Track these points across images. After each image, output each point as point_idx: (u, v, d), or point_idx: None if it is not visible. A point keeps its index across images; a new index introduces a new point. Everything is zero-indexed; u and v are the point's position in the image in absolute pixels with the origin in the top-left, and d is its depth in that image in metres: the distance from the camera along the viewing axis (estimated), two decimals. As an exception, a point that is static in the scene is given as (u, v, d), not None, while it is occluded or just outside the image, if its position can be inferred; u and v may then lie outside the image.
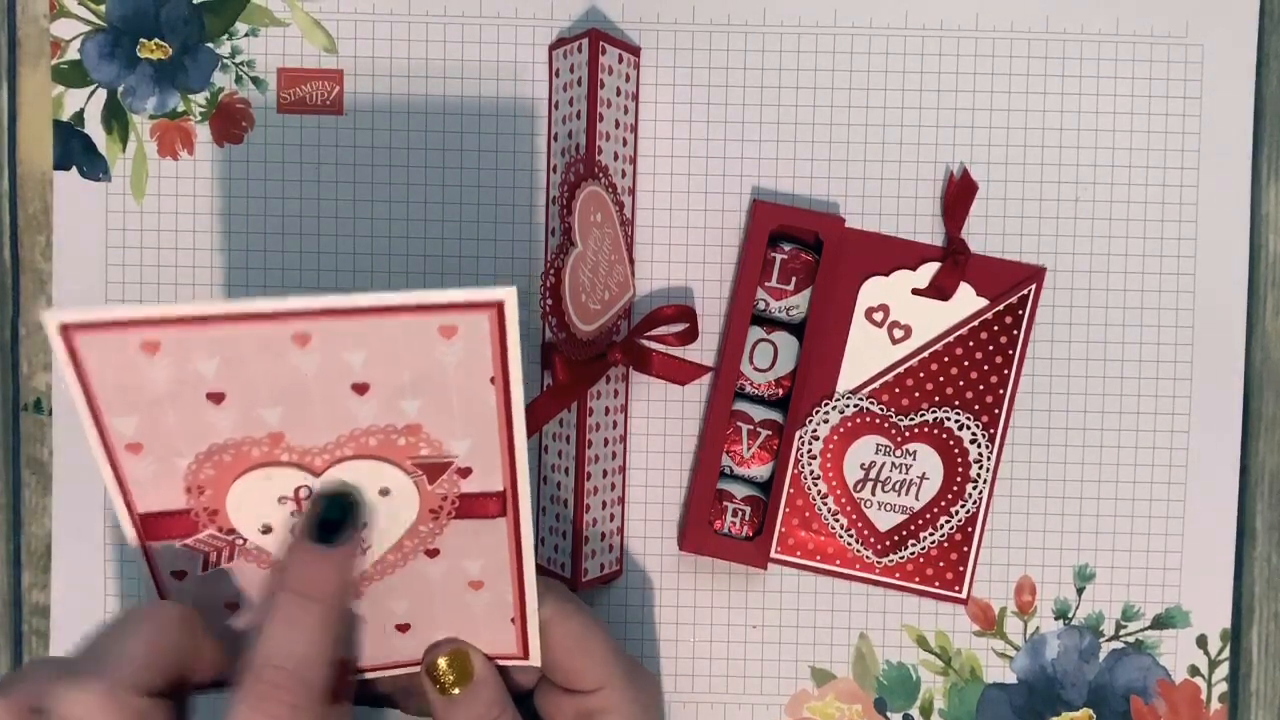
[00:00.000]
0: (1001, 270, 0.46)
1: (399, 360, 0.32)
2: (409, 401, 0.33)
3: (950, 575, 0.46)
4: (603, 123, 0.43)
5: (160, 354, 0.31)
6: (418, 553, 0.36)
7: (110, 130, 0.46)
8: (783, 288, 0.45)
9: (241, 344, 0.32)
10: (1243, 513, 0.47)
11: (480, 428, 0.34)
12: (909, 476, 0.46)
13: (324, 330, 0.32)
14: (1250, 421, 0.47)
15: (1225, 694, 0.47)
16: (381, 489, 0.34)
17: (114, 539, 0.47)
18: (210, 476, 0.34)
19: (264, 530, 0.35)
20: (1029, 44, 0.46)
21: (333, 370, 0.32)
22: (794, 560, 0.46)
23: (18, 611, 0.47)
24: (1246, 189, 0.47)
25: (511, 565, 0.36)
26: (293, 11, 0.46)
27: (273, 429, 0.33)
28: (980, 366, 0.46)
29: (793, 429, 0.46)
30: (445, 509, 0.35)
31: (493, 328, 0.32)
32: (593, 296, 0.42)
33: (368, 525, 0.35)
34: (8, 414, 0.47)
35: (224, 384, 0.32)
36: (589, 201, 0.42)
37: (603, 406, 0.44)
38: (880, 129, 0.46)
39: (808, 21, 0.46)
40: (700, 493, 0.45)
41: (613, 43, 0.43)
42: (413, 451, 0.34)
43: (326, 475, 0.34)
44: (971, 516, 0.46)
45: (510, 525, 0.35)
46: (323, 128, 0.46)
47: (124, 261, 0.46)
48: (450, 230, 0.46)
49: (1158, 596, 0.47)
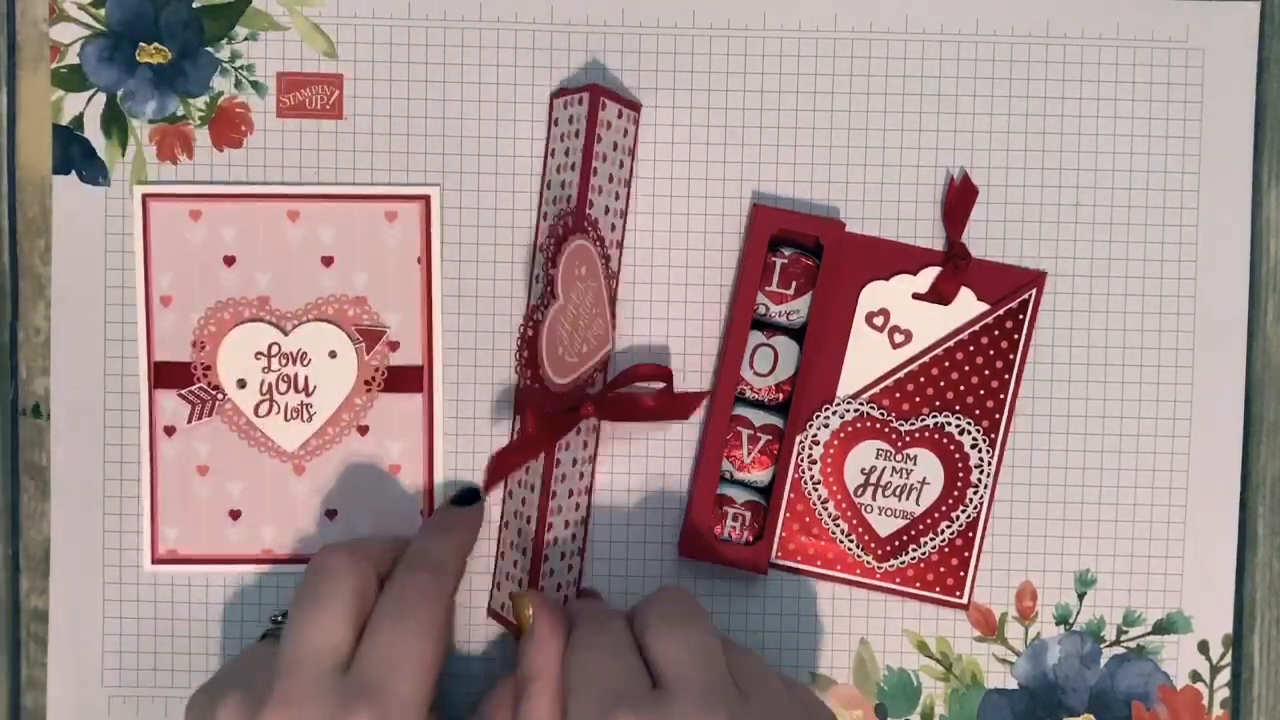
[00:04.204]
0: (1002, 275, 0.46)
1: (356, 237, 0.45)
2: (359, 274, 0.45)
3: (951, 580, 0.46)
4: (596, 177, 0.43)
5: (200, 221, 0.45)
6: (351, 428, 0.45)
7: (109, 135, 0.46)
8: (783, 292, 0.45)
9: (254, 215, 0.45)
10: (1244, 518, 0.47)
11: (408, 301, 0.45)
12: (910, 481, 0.46)
13: (309, 209, 0.45)
14: (1251, 426, 0.47)
15: (1227, 700, 0.47)
16: (330, 351, 0.45)
17: (112, 544, 0.46)
18: (211, 333, 0.45)
19: (239, 384, 0.45)
20: (1029, 48, 0.46)
21: (311, 242, 0.45)
22: (794, 566, 0.46)
23: (16, 617, 0.47)
24: (1247, 194, 0.47)
25: (424, 445, 0.45)
26: (292, 16, 0.46)
27: (262, 292, 0.45)
28: (981, 371, 0.46)
29: (793, 433, 0.46)
30: (377, 380, 0.45)
31: (422, 216, 0.45)
32: (570, 350, 0.42)
33: (318, 388, 0.45)
34: (6, 418, 0.47)
35: (237, 248, 0.45)
36: (575, 255, 0.42)
37: (570, 458, 0.44)
38: (881, 133, 0.46)
39: (808, 26, 0.46)
40: (700, 498, 0.45)
41: (613, 98, 0.43)
42: (358, 321, 0.45)
43: (293, 334, 0.45)
44: (972, 521, 0.46)
45: (425, 401, 0.45)
46: (322, 132, 0.46)
47: (123, 265, 0.46)
48: (450, 234, 0.46)
49: (1159, 602, 0.47)
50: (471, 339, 0.46)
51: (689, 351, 0.46)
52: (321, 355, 0.45)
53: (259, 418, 0.46)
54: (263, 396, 0.46)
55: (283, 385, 0.46)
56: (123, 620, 0.47)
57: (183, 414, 0.46)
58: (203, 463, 0.46)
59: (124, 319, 0.46)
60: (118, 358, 0.46)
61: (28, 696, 0.47)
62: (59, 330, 0.46)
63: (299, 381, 0.46)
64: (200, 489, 0.46)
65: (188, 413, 0.46)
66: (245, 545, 0.46)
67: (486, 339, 0.46)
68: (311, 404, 0.46)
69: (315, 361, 0.46)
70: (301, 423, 0.46)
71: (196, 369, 0.46)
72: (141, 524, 0.46)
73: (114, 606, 0.47)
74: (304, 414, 0.46)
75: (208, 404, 0.46)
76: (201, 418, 0.46)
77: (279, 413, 0.46)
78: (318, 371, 0.46)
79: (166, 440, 0.46)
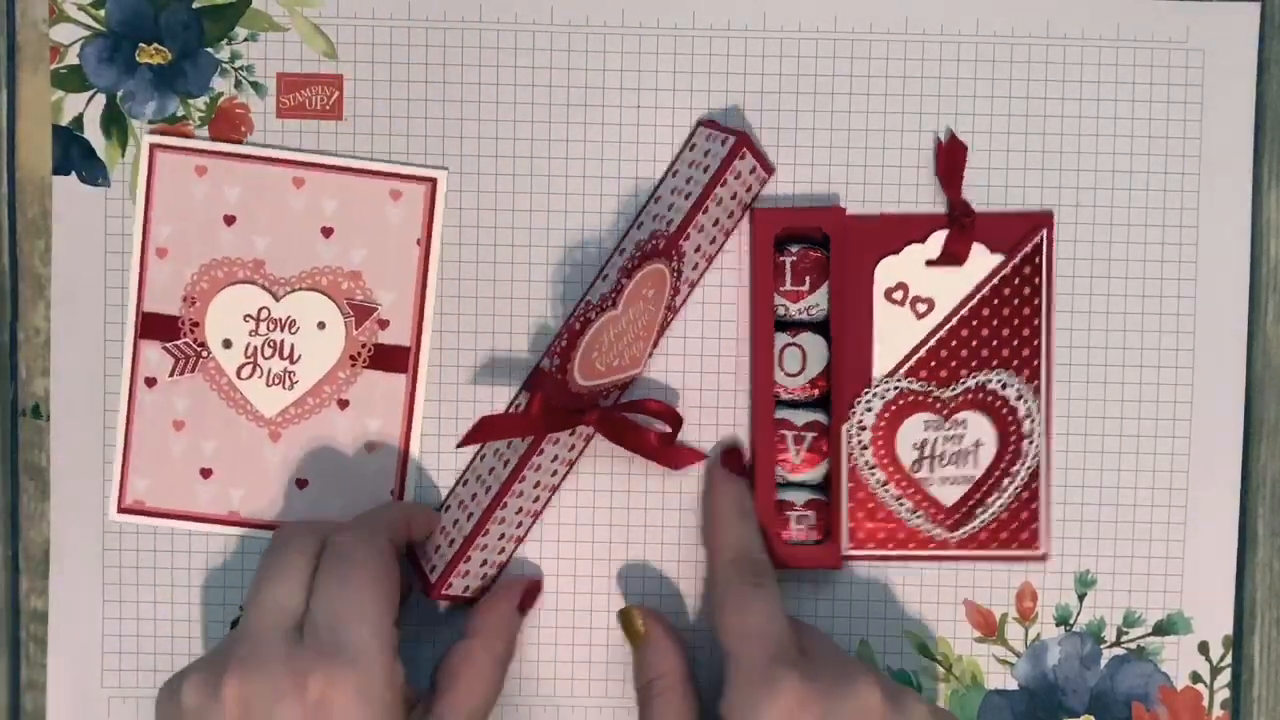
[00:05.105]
0: (1009, 223, 0.46)
1: (358, 211, 0.45)
2: (357, 249, 0.45)
3: (1025, 534, 0.46)
4: (704, 215, 0.43)
5: (205, 177, 0.45)
6: (332, 401, 0.45)
7: (109, 135, 0.46)
8: (798, 289, 0.45)
9: (260, 178, 0.45)
10: (1244, 519, 0.47)
11: (403, 281, 0.45)
12: (963, 446, 0.46)
13: (314, 178, 0.45)
14: (1251, 427, 0.47)
15: (1227, 700, 0.47)
16: (320, 322, 0.45)
17: (112, 544, 0.46)
18: (203, 290, 0.45)
19: (225, 344, 0.45)
20: (1029, 49, 0.46)
21: (313, 211, 0.45)
22: (868, 553, 0.46)
23: (15, 617, 0.47)
24: (1247, 194, 0.47)
25: (402, 426, 0.45)
26: (292, 17, 0.46)
27: (258, 255, 0.45)
28: (1010, 322, 0.46)
29: (838, 424, 0.45)
30: (362, 356, 0.45)
31: (427, 198, 0.45)
32: (603, 358, 0.42)
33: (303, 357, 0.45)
34: (6, 419, 0.47)
35: (238, 209, 0.45)
36: (650, 276, 0.42)
37: (553, 453, 0.44)
38: (880, 134, 0.46)
39: (808, 26, 0.46)
40: (762, 508, 0.45)
41: (754, 153, 0.44)
42: (350, 295, 0.45)
43: (284, 300, 0.45)
44: (1034, 472, 0.46)
45: (409, 382, 0.45)
46: (322, 133, 0.46)
47: (123, 266, 0.46)
48: (450, 235, 0.46)
49: (1159, 603, 0.47)
50: (458, 323, 0.46)
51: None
52: (310, 325, 0.46)
53: (241, 380, 0.46)
54: (247, 359, 0.46)
55: (268, 350, 0.46)
56: (122, 621, 0.47)
57: (165, 367, 0.46)
58: (180, 418, 0.46)
59: (124, 320, 0.46)
60: (118, 358, 0.46)
61: (27, 697, 0.47)
62: (59, 330, 0.46)
63: (285, 349, 0.46)
64: (175, 444, 0.46)
65: (170, 366, 0.46)
66: (213, 505, 0.46)
67: (472, 324, 0.46)
68: (295, 372, 0.46)
69: (303, 330, 0.46)
70: (283, 390, 0.46)
71: (184, 324, 0.46)
72: (111, 472, 0.46)
73: (114, 607, 0.47)
74: (286, 381, 0.46)
75: (191, 360, 0.46)
76: (184, 373, 0.46)
77: (261, 377, 0.46)
78: (304, 341, 0.46)
79: (146, 391, 0.46)
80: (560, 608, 0.47)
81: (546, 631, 0.47)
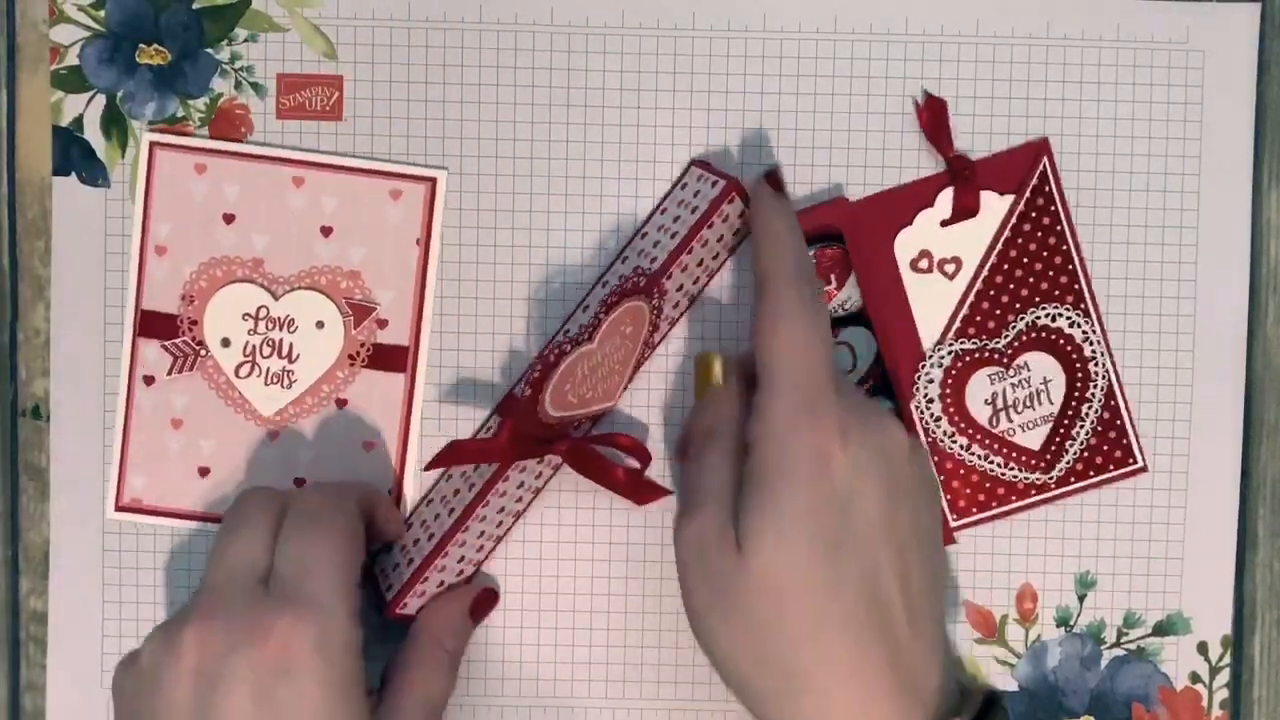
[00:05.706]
0: (1009, 161, 0.46)
1: (357, 210, 0.45)
2: (356, 249, 0.45)
3: (1119, 453, 0.46)
4: (688, 256, 0.43)
5: (204, 175, 0.45)
6: (330, 400, 0.45)
7: (109, 136, 0.46)
8: (827, 289, 0.45)
9: (259, 177, 0.45)
10: (1244, 519, 0.47)
11: (402, 281, 0.45)
12: (1033, 388, 0.46)
13: (314, 177, 0.45)
14: (1251, 428, 0.47)
15: (1227, 701, 0.47)
16: (318, 321, 0.45)
17: (112, 545, 0.46)
18: (201, 288, 0.45)
19: (223, 343, 0.45)
20: (1029, 49, 0.46)
21: (312, 210, 0.45)
22: (976, 518, 0.46)
23: (15, 619, 0.47)
24: (1247, 195, 0.47)
25: (400, 425, 0.45)
26: (292, 17, 0.46)
27: (257, 254, 0.45)
28: (1040, 256, 0.46)
29: (907, 405, 0.46)
30: (361, 355, 0.45)
31: (426, 198, 0.45)
32: (575, 390, 0.42)
33: (302, 356, 0.45)
34: (6, 420, 0.47)
35: (237, 207, 0.45)
36: (629, 313, 0.42)
37: (519, 480, 0.44)
38: (881, 135, 0.46)
39: (808, 27, 0.46)
40: None
41: (744, 198, 0.43)
42: (349, 294, 0.45)
43: (283, 299, 0.45)
44: (1109, 390, 0.46)
45: (407, 382, 0.45)
46: (322, 133, 0.46)
47: (123, 267, 0.46)
48: (450, 236, 0.46)
49: (1159, 603, 0.47)
50: (456, 323, 0.46)
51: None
52: (309, 324, 0.46)
53: (239, 378, 0.46)
54: (245, 358, 0.46)
55: (266, 349, 0.46)
56: (122, 621, 0.47)
57: (164, 365, 0.46)
58: (178, 416, 0.46)
59: (124, 320, 0.46)
60: (117, 359, 0.46)
61: (27, 698, 0.47)
62: (59, 331, 0.46)
63: (283, 347, 0.46)
64: (172, 442, 0.46)
65: (169, 365, 0.46)
66: (210, 504, 0.46)
67: (471, 324, 0.46)
68: (293, 371, 0.46)
69: (302, 329, 0.46)
70: (281, 388, 0.46)
71: (183, 322, 0.46)
72: (109, 471, 0.46)
73: (114, 607, 0.47)
74: (284, 380, 0.46)
75: (190, 358, 0.46)
76: (182, 371, 0.46)
77: (259, 376, 0.46)
78: (303, 340, 0.46)
79: (144, 389, 0.46)
80: (560, 608, 0.47)
81: (546, 633, 0.47)
